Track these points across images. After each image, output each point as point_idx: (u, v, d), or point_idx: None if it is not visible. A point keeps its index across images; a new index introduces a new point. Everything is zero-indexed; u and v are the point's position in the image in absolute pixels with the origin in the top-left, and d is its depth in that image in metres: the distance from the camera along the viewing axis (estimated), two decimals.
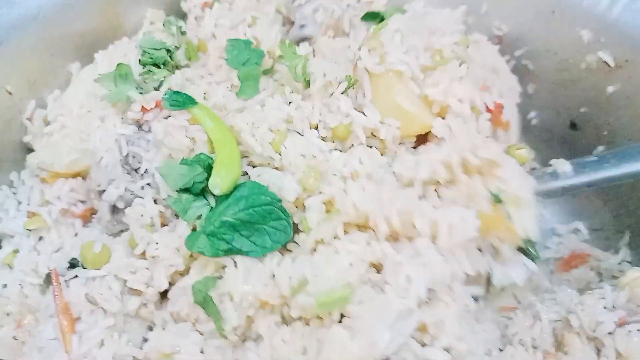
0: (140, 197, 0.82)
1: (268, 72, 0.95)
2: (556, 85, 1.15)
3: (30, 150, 0.96)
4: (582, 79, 1.10)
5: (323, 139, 0.88)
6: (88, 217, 0.89)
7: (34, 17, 0.96)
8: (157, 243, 0.79)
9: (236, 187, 0.78)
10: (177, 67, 0.97)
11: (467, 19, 1.18)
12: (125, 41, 1.05)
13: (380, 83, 0.89)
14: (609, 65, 1.03)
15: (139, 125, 0.86)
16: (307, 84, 0.91)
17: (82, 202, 0.88)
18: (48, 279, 0.77)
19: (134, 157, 0.83)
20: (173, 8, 1.15)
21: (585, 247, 1.11)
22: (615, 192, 1.10)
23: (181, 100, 0.83)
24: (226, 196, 0.77)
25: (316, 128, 0.89)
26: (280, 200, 0.78)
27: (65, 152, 0.89)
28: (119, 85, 0.87)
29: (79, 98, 0.94)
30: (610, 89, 1.05)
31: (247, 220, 0.76)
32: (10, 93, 0.94)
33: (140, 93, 0.88)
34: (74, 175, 0.90)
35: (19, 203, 0.92)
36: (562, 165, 0.94)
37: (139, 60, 0.93)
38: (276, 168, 0.84)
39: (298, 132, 0.88)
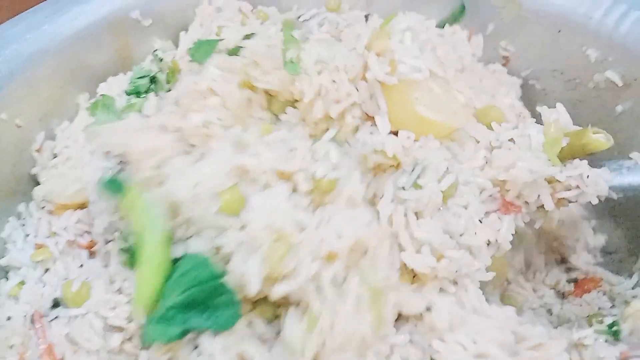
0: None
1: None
2: (564, 104, 1.13)
3: (38, 182, 0.98)
4: (591, 98, 1.08)
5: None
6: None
7: (45, 52, 0.98)
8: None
9: (177, 262, 0.70)
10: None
11: (473, 38, 1.19)
12: (128, 74, 1.07)
13: (394, 94, 0.80)
14: (617, 85, 1.02)
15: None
16: (295, 69, 0.83)
17: (88, 232, 0.89)
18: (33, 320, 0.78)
19: None
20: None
21: (598, 271, 1.09)
22: (628, 213, 1.08)
23: (113, 188, 0.76)
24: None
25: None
26: (222, 274, 0.68)
27: (70, 183, 0.90)
28: (100, 116, 0.89)
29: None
30: (619, 108, 1.03)
31: (194, 300, 0.68)
32: (19, 126, 0.96)
33: None
34: (80, 206, 0.90)
35: (27, 235, 0.93)
36: None
37: (125, 91, 0.95)
38: None
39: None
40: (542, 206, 0.83)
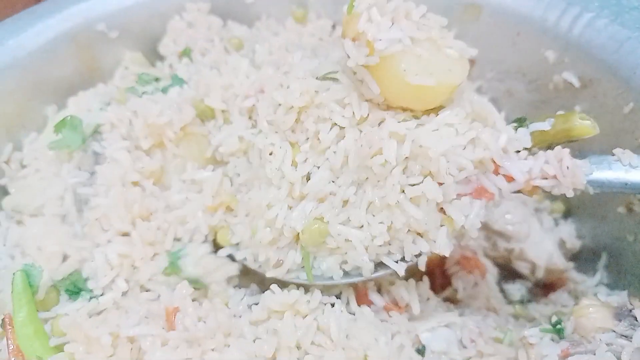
0: None
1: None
2: (528, 105, 1.15)
3: (7, 192, 1.00)
4: (552, 99, 1.10)
5: None
6: None
7: (9, 66, 1.01)
8: None
9: None
10: None
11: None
12: (98, 87, 1.10)
13: (382, 73, 0.76)
14: (574, 86, 1.03)
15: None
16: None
17: None
18: (4, 323, 0.80)
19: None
20: (150, 50, 1.19)
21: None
22: (590, 213, 1.09)
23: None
24: None
25: None
26: None
27: (39, 194, 0.92)
28: (66, 135, 0.91)
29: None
30: (577, 108, 1.04)
31: None
32: None
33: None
34: None
35: None
36: (628, 156, 0.80)
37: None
38: None
39: None
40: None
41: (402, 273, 0.77)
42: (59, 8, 1.09)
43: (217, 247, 0.88)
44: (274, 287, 0.77)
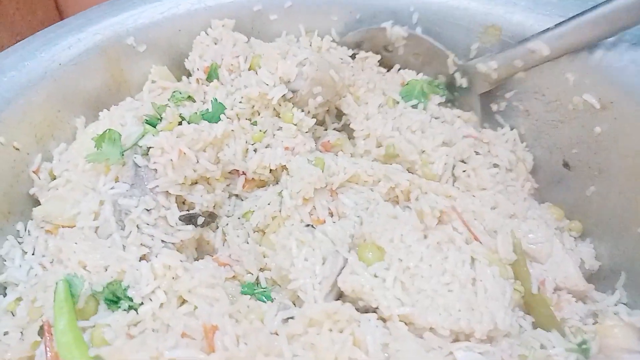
0: None
1: None
2: (547, 125, 1.17)
3: (36, 201, 1.02)
4: (571, 119, 1.11)
5: None
6: None
7: (41, 77, 1.03)
8: None
9: None
10: None
11: (458, 62, 1.23)
12: (128, 101, 1.12)
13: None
14: (594, 107, 1.05)
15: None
16: None
17: None
18: (42, 330, 0.81)
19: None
20: (176, 64, 1.22)
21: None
22: (608, 233, 1.10)
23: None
24: None
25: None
26: None
27: (70, 205, 0.94)
28: (105, 149, 0.93)
29: (83, 155, 0.98)
30: (597, 129, 1.06)
31: None
32: (17, 149, 1.00)
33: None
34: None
35: (25, 253, 0.97)
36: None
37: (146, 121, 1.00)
38: None
39: None
40: None
41: None
42: (89, 22, 1.11)
43: None
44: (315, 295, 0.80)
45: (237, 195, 1.06)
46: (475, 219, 0.91)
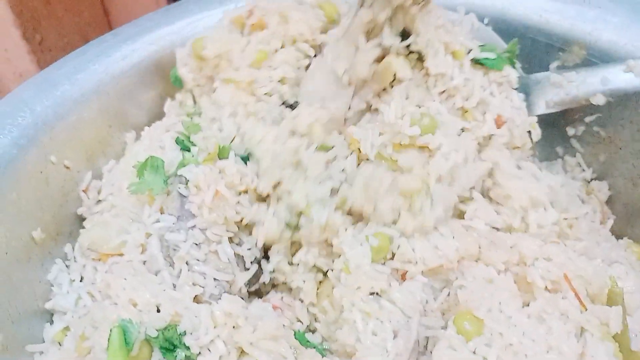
0: None
1: None
2: (632, 155, 1.07)
3: (83, 221, 0.97)
4: None
5: None
6: None
7: (94, 91, 0.98)
8: None
9: None
10: None
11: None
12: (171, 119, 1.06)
13: None
14: None
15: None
16: None
17: None
18: None
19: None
20: None
21: None
22: None
23: None
24: None
25: None
26: None
27: (115, 233, 0.88)
28: (147, 178, 0.87)
29: (128, 177, 0.93)
30: None
31: None
32: (68, 167, 0.95)
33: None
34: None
35: (72, 280, 0.92)
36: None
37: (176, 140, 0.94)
38: None
39: None
40: None
41: None
42: (144, 31, 1.06)
43: None
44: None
45: None
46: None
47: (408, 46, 0.91)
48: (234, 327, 0.72)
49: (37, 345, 0.86)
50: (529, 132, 0.99)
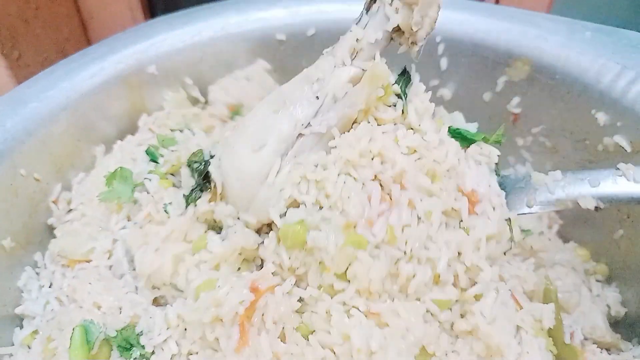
0: None
1: None
2: (575, 163, 1.13)
3: (53, 231, 1.02)
4: (601, 160, 1.07)
5: None
6: None
7: (63, 108, 1.03)
8: None
9: None
10: None
11: (484, 96, 1.19)
12: (143, 133, 1.11)
13: None
14: (625, 150, 1.01)
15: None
16: None
17: None
18: None
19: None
20: (193, 90, 1.22)
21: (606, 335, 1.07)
22: (634, 277, 1.06)
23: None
24: None
25: None
26: None
27: (84, 240, 0.94)
28: (116, 187, 0.92)
29: (98, 187, 0.98)
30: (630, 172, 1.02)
31: None
32: (37, 180, 1.00)
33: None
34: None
35: (42, 286, 0.97)
36: (632, 170, 0.85)
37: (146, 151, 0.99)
38: None
39: None
40: None
41: None
42: (112, 50, 1.11)
43: None
44: None
45: None
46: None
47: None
48: (186, 329, 0.77)
49: (7, 348, 0.91)
50: (508, 221, 0.86)
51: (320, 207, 0.79)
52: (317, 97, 0.83)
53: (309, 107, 0.83)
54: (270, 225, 0.84)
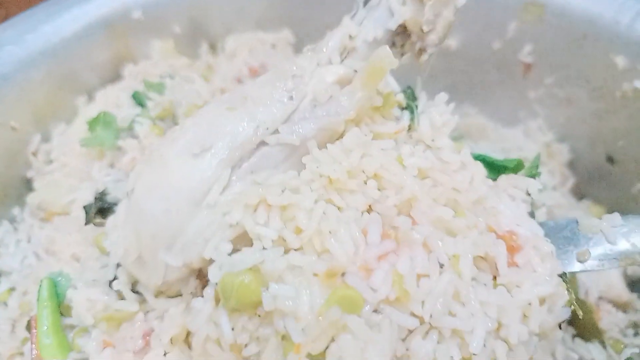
0: None
1: None
2: (590, 115, 1.06)
3: (31, 186, 0.96)
4: (619, 109, 1.00)
5: None
6: None
7: (42, 53, 0.96)
8: None
9: None
10: None
11: (493, 44, 1.12)
12: (128, 81, 1.04)
13: None
14: None
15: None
16: None
17: None
18: (29, 326, 0.75)
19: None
20: (187, 41, 1.15)
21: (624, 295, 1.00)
22: None
23: None
24: None
25: None
26: None
27: (65, 192, 0.88)
28: (99, 133, 0.86)
29: (81, 137, 0.92)
30: None
31: None
32: (14, 128, 0.94)
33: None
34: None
35: (19, 240, 0.92)
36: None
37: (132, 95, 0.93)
38: None
39: None
40: None
41: None
42: None
43: None
44: None
45: None
46: None
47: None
48: None
49: None
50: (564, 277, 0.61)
51: (286, 250, 0.55)
52: (292, 98, 0.62)
53: (279, 108, 0.62)
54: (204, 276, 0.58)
